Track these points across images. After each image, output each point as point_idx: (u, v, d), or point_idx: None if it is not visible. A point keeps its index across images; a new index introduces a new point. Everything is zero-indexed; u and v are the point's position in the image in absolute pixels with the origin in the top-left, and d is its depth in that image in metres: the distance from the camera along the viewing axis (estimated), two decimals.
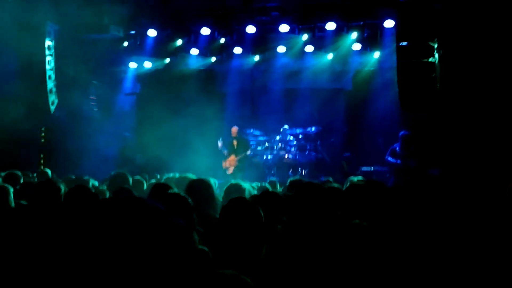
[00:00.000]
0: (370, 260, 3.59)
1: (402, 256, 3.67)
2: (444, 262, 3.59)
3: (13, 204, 5.48)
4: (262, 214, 3.83)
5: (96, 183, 8.12)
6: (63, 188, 5.48)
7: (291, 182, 7.40)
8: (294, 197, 5.37)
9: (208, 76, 17.00)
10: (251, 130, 16.26)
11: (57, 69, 14.25)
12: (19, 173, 8.38)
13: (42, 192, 5.30)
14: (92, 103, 16.43)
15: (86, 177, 8.47)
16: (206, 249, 3.87)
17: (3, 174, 8.27)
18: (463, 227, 4.08)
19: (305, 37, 14.92)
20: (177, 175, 8.67)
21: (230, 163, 14.59)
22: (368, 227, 3.99)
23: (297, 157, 15.37)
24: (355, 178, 8.48)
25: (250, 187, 7.56)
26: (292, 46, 15.36)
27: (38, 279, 3.07)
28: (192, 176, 7.32)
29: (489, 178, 9.51)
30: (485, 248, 3.71)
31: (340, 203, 5.33)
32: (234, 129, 14.77)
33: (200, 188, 5.64)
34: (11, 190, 5.57)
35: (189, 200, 4.30)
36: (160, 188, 5.53)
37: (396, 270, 3.53)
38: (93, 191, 5.64)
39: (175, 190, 5.22)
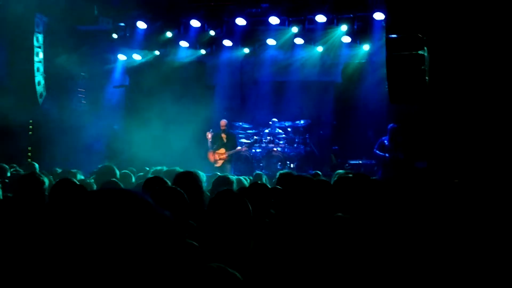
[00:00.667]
0: (359, 254, 3.58)
1: (391, 250, 3.67)
2: (432, 254, 3.60)
3: (1, 197, 5.45)
4: (249, 206, 3.81)
5: (83, 177, 8.09)
6: (47, 181, 5.47)
7: (280, 175, 7.38)
8: (284, 190, 5.37)
9: (197, 68, 16.97)
10: (240, 123, 16.26)
11: (46, 61, 14.17)
12: (6, 166, 8.33)
13: (25, 185, 5.29)
14: (81, 96, 16.36)
15: (74, 170, 8.44)
16: (194, 243, 3.85)
17: None
18: (450, 220, 4.09)
19: (295, 29, 14.88)
20: (164, 168, 8.65)
21: (219, 156, 14.57)
22: (354, 220, 3.98)
23: (286, 150, 15.35)
24: (342, 172, 8.51)
25: (243, 180, 7.57)
26: (281, 38, 15.33)
27: (20, 272, 3.04)
28: (179, 169, 7.30)
29: (476, 171, 9.55)
30: (473, 241, 3.71)
31: (329, 197, 5.32)
32: (223, 122, 14.74)
33: (187, 180, 5.62)
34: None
35: (185, 195, 4.27)
36: (154, 182, 5.51)
37: (385, 264, 3.52)
38: (80, 184, 5.62)
39: (169, 183, 5.22)
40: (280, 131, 15.72)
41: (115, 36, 15.89)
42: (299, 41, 15.37)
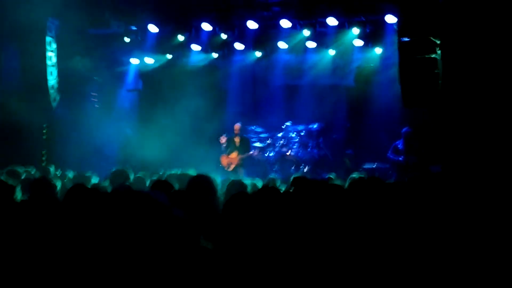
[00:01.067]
0: (371, 256, 3.61)
1: (403, 252, 3.69)
2: (445, 259, 3.61)
3: (19, 199, 5.50)
4: (263, 209, 3.83)
5: (97, 180, 8.13)
6: (59, 185, 5.52)
7: (294, 178, 7.37)
8: (297, 194, 5.39)
9: (209, 72, 16.95)
10: (253, 127, 16.31)
11: (59, 65, 14.27)
12: (19, 170, 8.38)
13: (38, 189, 5.34)
14: (94, 99, 16.47)
15: (88, 174, 8.50)
16: (209, 245, 3.88)
17: (5, 170, 8.27)
18: (464, 224, 4.10)
19: (306, 32, 14.91)
20: (179, 171, 8.68)
21: (231, 160, 14.62)
22: (367, 224, 4.01)
23: (299, 154, 15.38)
24: (356, 175, 8.49)
25: (257, 183, 7.57)
26: (293, 42, 15.37)
27: (38, 272, 3.09)
28: (193, 172, 7.33)
29: (491, 175, 9.52)
30: (486, 245, 3.72)
31: (342, 200, 5.35)
32: (237, 126, 14.81)
33: (202, 184, 5.66)
34: (19, 186, 5.58)
35: (194, 198, 4.30)
36: (162, 185, 5.55)
37: (397, 266, 3.54)
38: (93, 188, 5.66)
39: (176, 187, 5.26)
40: (293, 135, 15.75)
41: (127, 39, 15.97)
42: (311, 44, 15.37)
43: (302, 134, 15.82)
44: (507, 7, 10.87)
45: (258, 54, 16.52)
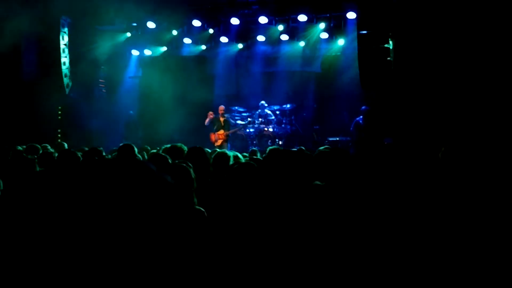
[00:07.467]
0: (332, 216, 3.62)
1: (359, 211, 3.71)
2: (392, 216, 3.62)
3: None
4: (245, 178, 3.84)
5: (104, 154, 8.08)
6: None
7: (270, 150, 7.37)
8: (272, 163, 5.42)
9: (199, 61, 16.87)
10: (236, 107, 16.33)
11: (71, 56, 14.16)
12: (38, 145, 8.33)
13: (64, 160, 5.34)
14: (101, 85, 16.38)
15: (100, 148, 8.46)
16: (202, 209, 3.87)
17: (24, 146, 8.20)
18: (410, 183, 4.14)
19: (280, 27, 14.93)
20: (169, 146, 8.66)
21: (219, 136, 14.65)
22: (329, 188, 4.03)
23: (275, 129, 15.43)
24: (322, 147, 8.54)
25: (239, 155, 7.57)
26: (270, 35, 15.33)
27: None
28: (185, 147, 7.30)
29: (433, 144, 9.62)
30: (426, 204, 3.75)
31: (310, 168, 5.38)
32: (221, 107, 14.84)
33: (197, 155, 5.68)
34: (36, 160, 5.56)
35: (190, 169, 4.29)
36: (158, 158, 5.56)
37: (353, 222, 3.55)
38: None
39: (170, 160, 5.28)
40: (270, 113, 15.76)
41: (129, 34, 15.92)
42: (284, 37, 15.34)
43: (277, 113, 15.84)
44: (446, 5, 10.94)
45: (240, 45, 16.45)
